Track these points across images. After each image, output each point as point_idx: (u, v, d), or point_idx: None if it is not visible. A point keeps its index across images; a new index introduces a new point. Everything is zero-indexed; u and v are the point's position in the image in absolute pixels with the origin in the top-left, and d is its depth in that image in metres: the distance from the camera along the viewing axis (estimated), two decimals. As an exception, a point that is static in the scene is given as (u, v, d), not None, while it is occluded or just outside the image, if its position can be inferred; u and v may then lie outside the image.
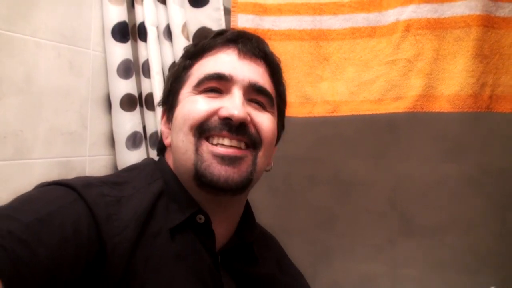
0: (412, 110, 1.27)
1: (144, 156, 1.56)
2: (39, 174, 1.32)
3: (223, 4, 1.45)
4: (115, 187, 0.75)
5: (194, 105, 0.80)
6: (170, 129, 0.87)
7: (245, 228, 0.89)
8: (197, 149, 0.78)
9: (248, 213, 0.91)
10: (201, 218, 0.80)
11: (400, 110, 1.30)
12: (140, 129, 1.56)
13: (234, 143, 0.79)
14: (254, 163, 0.81)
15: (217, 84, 0.82)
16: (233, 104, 0.79)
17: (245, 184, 0.79)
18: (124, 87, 1.52)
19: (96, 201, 0.69)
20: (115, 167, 1.58)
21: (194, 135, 0.79)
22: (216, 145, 0.78)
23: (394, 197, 2.15)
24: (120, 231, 0.70)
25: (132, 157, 1.53)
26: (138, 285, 0.70)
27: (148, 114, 1.55)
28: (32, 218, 0.62)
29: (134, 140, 1.54)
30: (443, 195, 2.07)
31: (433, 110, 1.27)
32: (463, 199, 2.04)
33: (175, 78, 0.88)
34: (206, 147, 0.78)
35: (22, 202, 0.66)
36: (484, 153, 2.02)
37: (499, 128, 1.99)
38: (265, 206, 1.54)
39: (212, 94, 0.82)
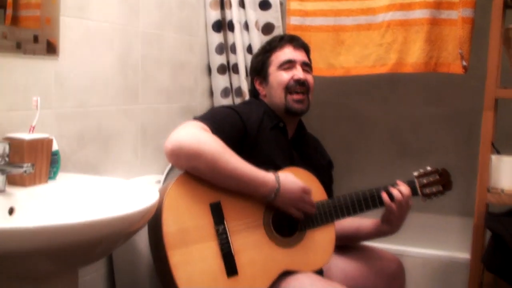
0: (390, 71, 2.21)
1: (231, 103, 2.53)
2: (173, 113, 2.29)
3: (280, 9, 2.40)
4: (247, 110, 1.70)
5: (282, 76, 1.74)
6: (263, 88, 1.81)
7: (300, 128, 1.84)
8: (285, 98, 1.73)
9: (301, 122, 1.86)
10: (281, 124, 1.76)
11: (384, 71, 2.23)
12: (229, 86, 2.52)
13: (302, 90, 1.73)
14: (308, 101, 1.76)
15: (289, 65, 1.76)
16: (299, 73, 1.74)
17: (305, 111, 1.76)
18: (219, 59, 2.48)
19: (243, 113, 1.65)
20: (214, 109, 2.54)
21: (284, 92, 1.73)
22: (293, 94, 1.72)
23: (394, 130, 3.11)
24: (252, 126, 1.65)
25: (224, 103, 2.50)
26: (258, 150, 1.65)
27: (234, 76, 2.50)
28: (219, 118, 1.60)
29: (225, 93, 2.50)
30: (427, 128, 3.03)
31: (402, 71, 2.20)
32: (441, 132, 3.00)
33: (263, 63, 1.81)
34: (290, 97, 1.73)
35: (214, 113, 1.64)
36: (455, 99, 2.95)
37: (464, 81, 2.90)
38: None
39: (287, 70, 1.75)
